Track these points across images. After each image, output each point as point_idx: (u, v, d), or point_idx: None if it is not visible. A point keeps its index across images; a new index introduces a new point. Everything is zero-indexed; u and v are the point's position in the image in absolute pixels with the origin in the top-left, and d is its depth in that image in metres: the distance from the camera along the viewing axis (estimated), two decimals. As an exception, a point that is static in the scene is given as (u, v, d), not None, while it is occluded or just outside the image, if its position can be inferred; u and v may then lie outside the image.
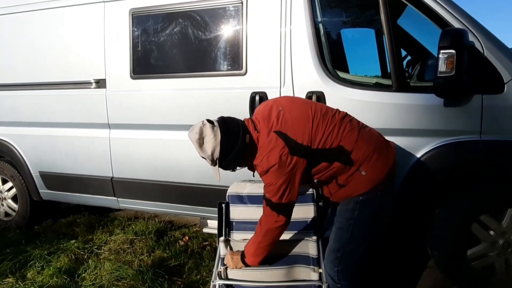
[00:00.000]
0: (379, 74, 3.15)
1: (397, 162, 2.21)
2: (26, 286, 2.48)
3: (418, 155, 2.24)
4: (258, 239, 1.77)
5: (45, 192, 3.43)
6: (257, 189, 2.09)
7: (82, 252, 3.00)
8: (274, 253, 1.87)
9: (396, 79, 2.25)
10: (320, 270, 1.85)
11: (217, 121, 1.70)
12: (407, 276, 2.58)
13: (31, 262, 2.83)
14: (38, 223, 3.71)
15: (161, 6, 2.76)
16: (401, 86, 2.25)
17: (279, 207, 1.66)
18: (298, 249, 1.95)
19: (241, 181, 2.18)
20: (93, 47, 2.98)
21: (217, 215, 2.15)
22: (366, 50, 3.37)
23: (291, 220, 1.77)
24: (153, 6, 2.78)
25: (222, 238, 2.00)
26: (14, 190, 3.60)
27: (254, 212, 2.01)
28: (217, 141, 1.61)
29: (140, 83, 2.87)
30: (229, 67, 2.64)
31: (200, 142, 1.63)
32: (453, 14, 2.17)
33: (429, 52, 3.00)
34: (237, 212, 2.13)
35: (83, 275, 2.66)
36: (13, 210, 3.65)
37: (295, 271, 1.90)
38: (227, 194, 2.16)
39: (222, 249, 1.98)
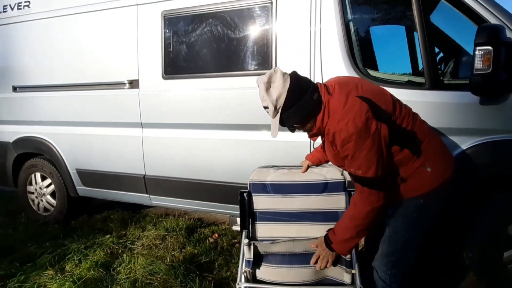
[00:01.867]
0: (410, 72, 3.09)
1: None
2: (65, 278, 2.59)
3: (453, 154, 2.19)
4: (356, 223, 1.58)
5: (81, 189, 3.58)
6: (281, 176, 1.95)
7: (116, 247, 3.12)
8: (302, 251, 1.80)
9: (429, 77, 2.21)
10: (353, 271, 1.75)
11: (289, 73, 1.61)
12: (442, 278, 2.53)
13: (69, 255, 2.96)
14: (75, 218, 3.88)
15: (192, 8, 2.82)
16: (435, 83, 2.21)
17: (377, 182, 1.51)
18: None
19: (263, 167, 2.01)
20: (126, 49, 3.09)
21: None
22: (397, 48, 3.31)
23: (320, 211, 1.73)
24: (184, 8, 2.85)
25: (245, 241, 1.82)
26: (52, 186, 3.77)
27: (279, 202, 1.90)
28: (284, 88, 1.53)
29: (171, 83, 2.95)
30: (259, 67, 2.66)
31: (267, 86, 1.55)
32: (489, 10, 2.11)
33: (462, 49, 2.92)
34: (261, 203, 1.97)
35: (118, 268, 2.76)
36: (52, 205, 3.82)
37: (326, 269, 1.80)
38: (249, 181, 1.99)
39: (246, 251, 1.83)
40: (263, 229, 1.93)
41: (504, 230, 2.17)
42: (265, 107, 1.60)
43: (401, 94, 2.23)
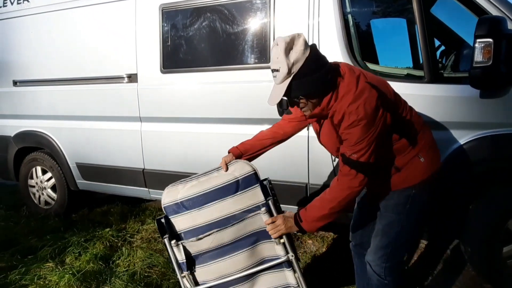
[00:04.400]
0: (411, 65, 3.06)
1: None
2: (65, 270, 2.62)
3: (452, 148, 2.17)
4: (332, 205, 1.56)
5: (81, 182, 3.59)
6: (191, 189, 1.80)
7: (116, 240, 3.14)
8: (231, 239, 1.72)
9: (428, 70, 2.19)
10: (282, 240, 1.69)
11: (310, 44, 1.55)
12: (441, 273, 2.53)
13: (69, 248, 2.98)
14: (75, 212, 3.91)
15: (190, 1, 2.80)
16: (434, 77, 2.19)
17: (367, 167, 1.51)
18: (253, 226, 1.73)
19: (171, 186, 1.84)
20: (125, 43, 3.08)
21: None
22: (397, 41, 3.28)
23: (241, 211, 1.72)
24: (182, 1, 2.83)
25: (173, 242, 1.71)
26: (53, 180, 3.79)
27: (198, 217, 1.77)
28: (304, 56, 1.46)
29: (170, 77, 2.94)
30: (257, 60, 2.65)
31: (288, 47, 1.46)
32: (490, 1, 2.08)
33: (464, 42, 2.88)
34: (181, 223, 1.80)
35: (117, 261, 2.78)
36: (52, 199, 3.85)
37: (259, 249, 1.75)
38: (163, 206, 1.83)
39: (177, 253, 1.72)
40: (194, 247, 1.78)
41: (503, 224, 2.16)
42: (275, 70, 1.51)
43: (400, 88, 2.20)
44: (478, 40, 1.88)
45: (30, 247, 3.11)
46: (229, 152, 1.86)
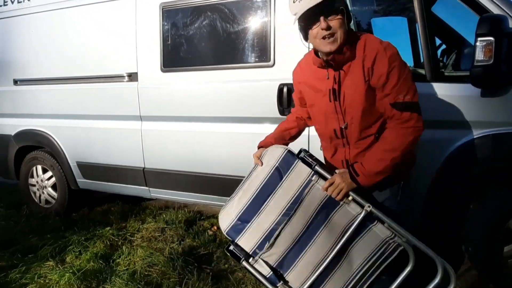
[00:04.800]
0: (412, 64, 3.05)
1: (431, 155, 2.18)
2: (66, 269, 2.61)
3: (453, 147, 2.17)
4: (395, 154, 1.47)
5: (82, 181, 3.59)
6: (240, 201, 1.68)
7: (116, 239, 3.14)
8: (302, 226, 1.59)
9: (429, 69, 2.18)
10: (350, 198, 1.56)
11: None
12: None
13: (70, 247, 2.98)
14: (75, 211, 3.90)
15: (190, 0, 2.79)
16: (435, 76, 2.18)
17: (418, 107, 1.49)
18: (316, 201, 1.60)
19: (221, 212, 1.74)
20: (125, 42, 3.07)
21: None
22: (398, 40, 3.27)
23: (296, 194, 1.60)
24: (183, 0, 2.82)
25: (251, 261, 1.64)
26: (53, 179, 3.79)
27: (263, 222, 1.64)
28: None
29: (170, 76, 2.93)
30: (257, 59, 2.64)
31: None
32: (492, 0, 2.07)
33: (465, 40, 2.88)
34: (250, 239, 1.67)
35: (118, 260, 2.78)
36: (53, 198, 3.85)
37: (334, 221, 1.58)
38: (224, 233, 1.71)
39: (261, 268, 1.63)
40: (273, 255, 1.66)
41: (504, 224, 2.15)
42: None
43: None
44: (479, 38, 1.88)
45: (30, 246, 3.11)
46: (259, 148, 1.78)
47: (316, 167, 1.61)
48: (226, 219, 1.71)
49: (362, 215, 1.53)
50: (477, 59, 1.90)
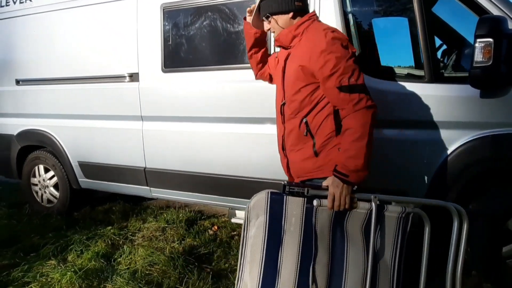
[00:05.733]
0: (412, 64, 3.05)
1: (429, 156, 2.19)
2: (67, 268, 2.63)
3: (452, 148, 2.17)
4: (366, 139, 1.50)
5: (83, 181, 3.61)
6: (253, 271, 1.53)
7: (117, 238, 3.16)
8: (327, 254, 1.51)
9: (428, 70, 2.18)
10: (355, 201, 1.52)
11: None
12: (440, 273, 2.52)
13: (71, 246, 3.00)
14: (77, 210, 3.93)
15: (191, 1, 2.81)
16: (434, 76, 2.18)
17: (361, 87, 1.54)
18: (325, 223, 1.55)
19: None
20: (127, 42, 3.09)
21: (245, 206, 2.04)
22: (399, 40, 3.27)
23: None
24: (183, 1, 2.83)
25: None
26: (55, 178, 3.81)
27: (284, 271, 1.51)
28: None
29: (171, 76, 2.95)
30: (258, 60, 2.65)
31: None
32: (491, 1, 2.07)
33: (466, 41, 2.88)
34: None
35: (119, 259, 2.80)
36: (55, 197, 3.87)
37: (352, 231, 1.53)
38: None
39: None
40: None
41: (503, 224, 2.16)
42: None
43: (401, 87, 2.24)
44: (478, 39, 1.88)
45: (32, 245, 3.13)
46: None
47: (308, 192, 1.51)
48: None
49: (374, 208, 1.49)
50: (476, 60, 1.90)
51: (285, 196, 1.55)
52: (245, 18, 2.01)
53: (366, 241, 1.53)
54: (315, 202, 1.51)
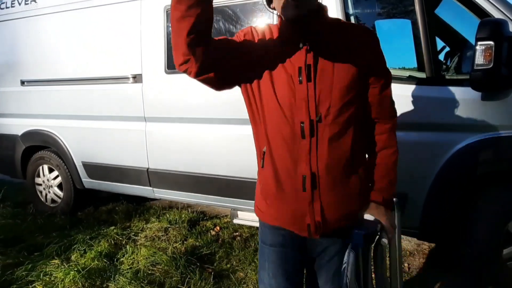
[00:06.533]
0: (414, 66, 3.05)
1: (431, 158, 2.19)
2: (71, 267, 2.66)
3: (453, 150, 2.17)
4: (396, 155, 1.28)
5: (87, 181, 3.64)
6: None
7: (120, 238, 3.18)
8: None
9: (429, 72, 2.19)
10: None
11: None
12: (439, 276, 2.53)
13: (75, 246, 3.03)
14: (81, 210, 3.96)
15: (194, 3, 2.83)
16: (435, 79, 2.19)
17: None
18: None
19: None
20: (130, 43, 3.12)
21: (247, 207, 2.03)
22: (401, 42, 3.27)
23: None
24: (187, 3, 2.85)
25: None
26: (59, 178, 3.85)
27: None
28: None
29: (174, 77, 2.97)
30: (260, 61, 2.66)
31: None
32: (492, 3, 2.08)
33: (468, 43, 2.88)
34: None
35: (122, 259, 2.82)
36: (59, 197, 3.90)
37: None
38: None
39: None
40: None
41: (503, 226, 2.16)
42: None
43: (402, 90, 2.25)
44: (479, 42, 1.88)
45: (36, 244, 3.15)
46: None
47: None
48: None
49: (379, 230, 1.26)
50: (477, 63, 1.90)
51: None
52: None
53: None
54: (384, 242, 1.26)
